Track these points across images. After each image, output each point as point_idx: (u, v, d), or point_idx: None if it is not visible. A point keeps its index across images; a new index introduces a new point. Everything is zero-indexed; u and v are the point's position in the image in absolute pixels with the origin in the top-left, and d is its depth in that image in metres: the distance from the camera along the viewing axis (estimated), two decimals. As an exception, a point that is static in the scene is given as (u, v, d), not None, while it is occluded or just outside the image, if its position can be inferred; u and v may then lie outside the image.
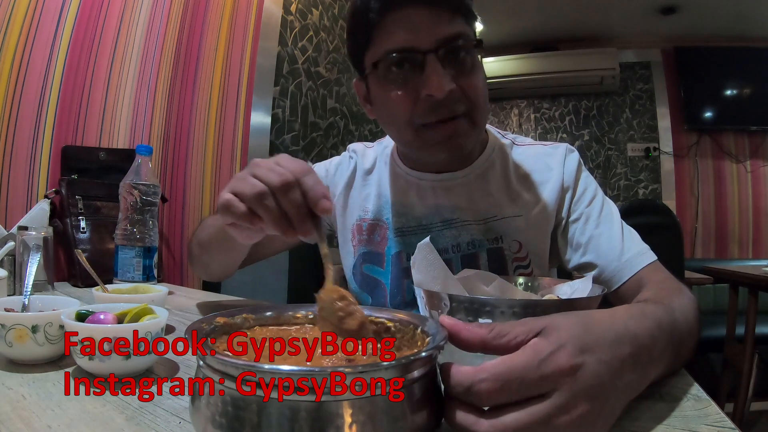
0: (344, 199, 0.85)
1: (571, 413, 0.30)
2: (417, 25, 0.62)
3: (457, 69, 0.64)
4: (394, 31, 0.63)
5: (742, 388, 1.89)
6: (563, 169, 0.75)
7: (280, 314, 0.43)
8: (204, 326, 0.36)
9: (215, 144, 1.70)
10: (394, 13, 0.63)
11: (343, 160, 0.88)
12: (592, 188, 0.76)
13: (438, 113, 0.64)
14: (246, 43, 1.79)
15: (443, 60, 0.63)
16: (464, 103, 0.64)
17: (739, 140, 3.21)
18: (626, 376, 0.35)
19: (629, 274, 0.67)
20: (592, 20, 3.20)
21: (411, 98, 0.64)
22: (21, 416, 0.38)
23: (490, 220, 0.75)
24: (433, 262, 0.56)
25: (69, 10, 1.26)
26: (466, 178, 0.76)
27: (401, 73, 0.64)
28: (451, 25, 0.63)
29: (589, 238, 0.71)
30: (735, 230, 3.17)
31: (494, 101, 3.82)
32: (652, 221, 2.08)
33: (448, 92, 0.62)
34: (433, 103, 0.63)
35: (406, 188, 0.79)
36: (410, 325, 0.38)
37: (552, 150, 0.78)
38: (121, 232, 1.03)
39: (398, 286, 0.80)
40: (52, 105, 1.23)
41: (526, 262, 0.75)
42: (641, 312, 0.42)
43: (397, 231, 0.79)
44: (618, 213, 0.74)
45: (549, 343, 0.32)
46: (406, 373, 0.29)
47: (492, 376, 0.29)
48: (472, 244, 0.76)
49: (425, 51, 0.62)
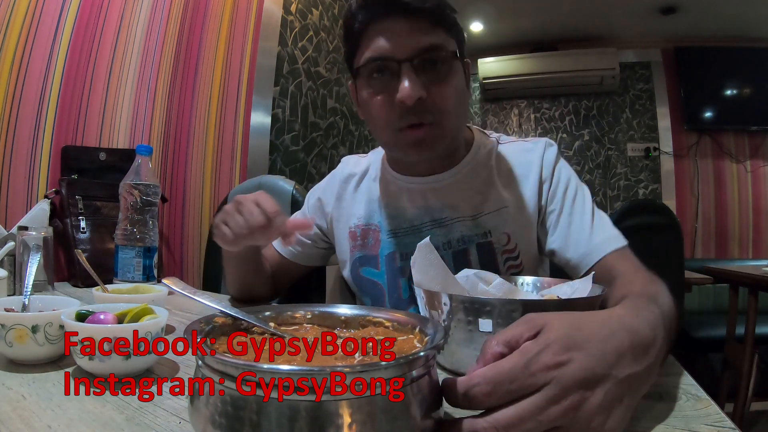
0: (337, 211, 0.90)
1: (561, 403, 0.31)
2: (396, 35, 0.67)
3: (431, 78, 0.68)
4: (375, 39, 0.68)
5: (742, 388, 1.89)
6: (542, 162, 0.79)
7: (278, 314, 0.43)
8: (203, 326, 0.36)
9: (215, 144, 1.69)
10: (376, 23, 0.68)
11: (331, 177, 0.95)
12: (566, 177, 0.79)
13: (407, 119, 0.69)
14: (246, 43, 1.79)
15: (417, 69, 0.67)
16: (433, 112, 0.69)
17: (739, 140, 3.20)
18: (628, 367, 0.34)
19: (596, 258, 0.69)
20: (592, 20, 3.20)
21: (388, 103, 0.69)
22: (21, 416, 0.38)
23: (478, 216, 0.79)
24: (433, 262, 0.56)
25: (69, 10, 1.26)
26: (453, 178, 0.80)
27: (381, 80, 0.70)
28: (428, 36, 0.67)
29: (561, 225, 0.75)
30: (735, 230, 3.17)
31: (494, 101, 3.82)
32: (652, 221, 2.08)
33: (417, 99, 0.66)
34: (404, 108, 0.67)
35: (396, 192, 0.84)
36: (408, 325, 0.38)
37: (533, 145, 0.82)
38: (121, 232, 1.03)
39: (394, 285, 0.83)
40: (52, 105, 1.23)
41: (516, 253, 0.78)
42: (635, 307, 0.43)
43: (389, 233, 0.83)
44: (591, 199, 0.77)
45: (536, 344, 0.33)
46: (406, 373, 0.29)
47: (484, 380, 0.31)
48: (462, 241, 0.79)
49: (401, 60, 0.67)
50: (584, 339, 0.34)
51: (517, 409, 0.30)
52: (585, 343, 0.34)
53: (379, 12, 0.68)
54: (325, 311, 0.43)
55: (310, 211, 0.95)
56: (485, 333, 0.46)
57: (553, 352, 0.32)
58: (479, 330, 0.46)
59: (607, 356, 0.34)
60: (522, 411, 0.30)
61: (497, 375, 0.31)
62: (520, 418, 0.30)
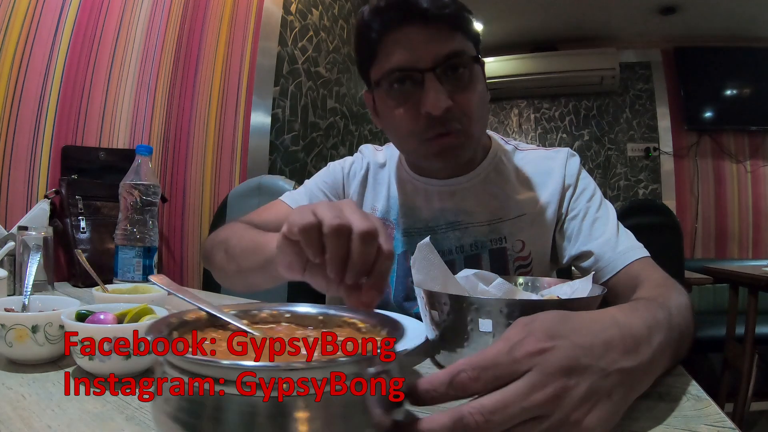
0: (359, 198, 0.87)
1: (545, 390, 0.31)
2: (415, 44, 0.65)
3: (455, 85, 0.67)
4: (394, 50, 0.66)
5: (742, 388, 1.89)
6: (565, 171, 0.78)
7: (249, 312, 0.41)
8: (173, 321, 0.36)
9: (215, 144, 1.69)
10: (393, 32, 0.66)
11: (356, 160, 0.90)
12: (591, 188, 0.79)
13: (435, 129, 0.67)
14: (246, 43, 1.79)
15: (441, 77, 0.65)
16: (460, 119, 0.67)
17: (739, 140, 3.20)
18: (618, 361, 0.34)
19: (623, 263, 0.68)
20: (592, 20, 3.20)
21: (412, 114, 0.67)
22: (21, 416, 0.38)
23: (494, 221, 0.78)
24: (433, 262, 0.56)
25: (69, 10, 1.26)
26: (470, 182, 0.80)
27: (402, 90, 0.67)
28: (448, 42, 0.66)
29: (586, 229, 0.74)
30: (735, 230, 3.17)
31: (494, 101, 3.82)
32: (652, 221, 2.08)
33: (445, 109, 0.65)
34: (431, 119, 0.66)
35: (413, 192, 0.83)
36: (379, 327, 0.38)
37: (554, 154, 0.81)
38: (121, 232, 1.03)
39: (402, 283, 0.83)
40: (52, 105, 1.23)
41: (528, 261, 0.78)
42: (632, 307, 0.43)
43: (404, 231, 0.83)
44: (615, 214, 0.76)
45: (519, 332, 0.34)
46: (363, 371, 0.29)
47: (469, 366, 0.32)
48: (474, 246, 0.79)
49: (423, 69, 0.65)
50: (571, 329, 0.34)
51: (502, 394, 0.31)
52: (571, 333, 0.34)
53: (395, 20, 0.65)
54: (296, 311, 0.42)
55: (332, 180, 0.88)
56: (485, 333, 0.46)
57: (536, 339, 0.33)
58: (479, 330, 0.46)
59: (594, 348, 0.34)
60: (506, 396, 0.31)
61: (482, 360, 0.32)
62: (504, 403, 0.30)
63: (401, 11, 0.65)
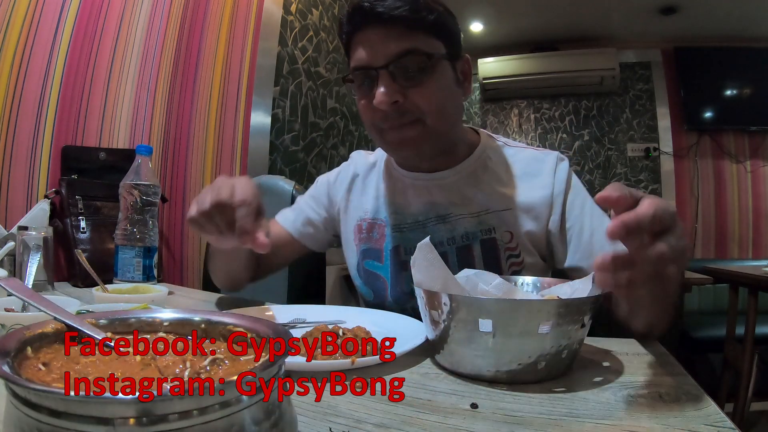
0: (345, 203, 0.92)
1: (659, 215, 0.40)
2: (372, 43, 0.71)
3: (409, 81, 0.71)
4: (357, 49, 0.73)
5: (742, 388, 1.89)
6: (554, 176, 0.80)
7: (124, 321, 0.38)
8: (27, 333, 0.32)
9: (215, 144, 1.70)
10: (358, 33, 0.73)
11: (343, 169, 0.96)
12: (582, 195, 0.81)
13: (387, 122, 0.73)
14: (246, 43, 1.79)
15: (394, 74, 0.70)
16: (414, 113, 0.72)
17: (739, 140, 3.20)
18: None
19: None
20: (592, 20, 3.20)
21: (371, 106, 0.73)
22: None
23: (482, 213, 0.80)
24: (433, 261, 0.56)
25: (69, 10, 1.26)
26: (458, 175, 0.82)
27: (365, 85, 0.74)
28: (402, 41, 0.70)
29: (585, 245, 0.77)
30: (735, 230, 3.17)
31: (494, 101, 3.82)
32: (652, 221, 2.07)
33: (392, 104, 0.70)
34: (384, 112, 0.72)
35: (402, 188, 0.86)
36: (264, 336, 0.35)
37: (543, 156, 0.83)
38: (121, 232, 1.03)
39: (397, 278, 0.84)
40: (52, 105, 1.23)
41: (517, 251, 0.80)
42: None
43: (394, 227, 0.85)
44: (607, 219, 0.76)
45: None
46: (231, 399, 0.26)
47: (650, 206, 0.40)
48: (466, 237, 0.81)
49: (377, 67, 0.71)
50: None
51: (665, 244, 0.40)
52: None
53: (359, 23, 0.72)
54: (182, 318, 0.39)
55: (318, 193, 0.96)
56: (485, 333, 0.46)
57: None
58: (479, 330, 0.46)
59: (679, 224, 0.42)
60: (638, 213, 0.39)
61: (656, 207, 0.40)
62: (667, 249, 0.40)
63: (362, 14, 0.71)
